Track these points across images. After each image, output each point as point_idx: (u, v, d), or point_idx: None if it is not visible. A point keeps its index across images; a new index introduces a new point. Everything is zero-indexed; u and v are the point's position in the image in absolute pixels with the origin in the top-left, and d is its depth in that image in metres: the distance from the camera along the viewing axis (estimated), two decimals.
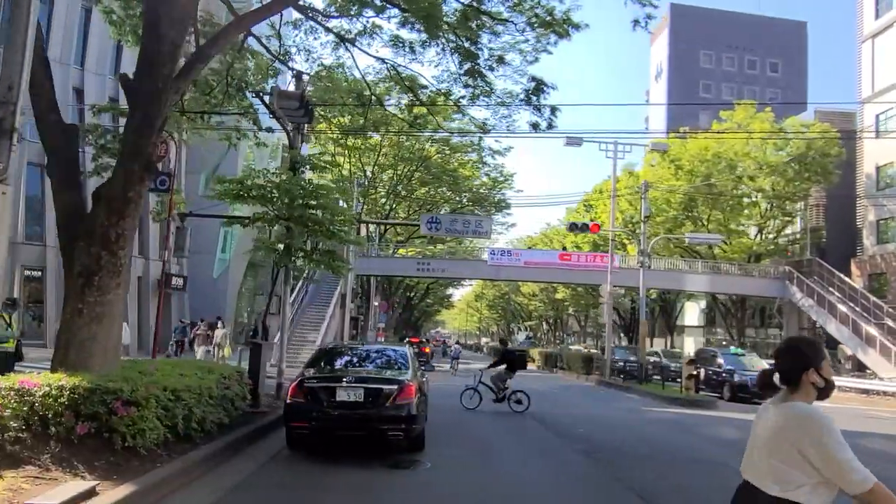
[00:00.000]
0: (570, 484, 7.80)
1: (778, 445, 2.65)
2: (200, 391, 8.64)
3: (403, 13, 13.02)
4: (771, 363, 12.99)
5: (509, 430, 12.51)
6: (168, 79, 8.10)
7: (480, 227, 22.67)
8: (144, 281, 26.71)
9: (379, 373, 9.19)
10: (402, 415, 8.50)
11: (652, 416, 15.64)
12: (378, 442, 8.71)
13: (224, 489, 6.80)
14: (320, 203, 13.31)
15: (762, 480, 2.69)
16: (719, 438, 12.14)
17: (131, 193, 8.21)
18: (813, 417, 2.57)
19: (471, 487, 7.43)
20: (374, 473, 7.78)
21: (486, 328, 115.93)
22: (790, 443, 2.59)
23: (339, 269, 13.75)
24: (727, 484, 7.73)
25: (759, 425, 2.87)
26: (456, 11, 13.54)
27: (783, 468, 2.62)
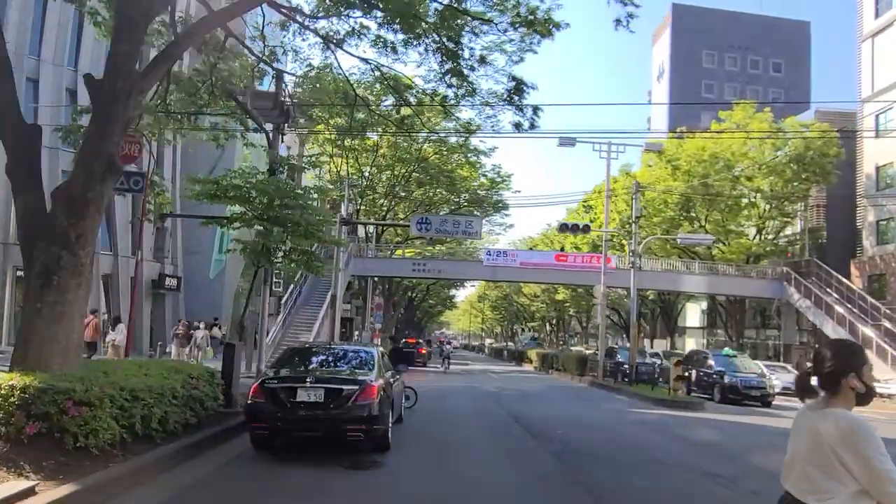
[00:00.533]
0: (528, 486, 7.74)
1: (816, 453, 2.55)
2: (162, 391, 8.63)
3: (381, 12, 13.02)
4: (768, 365, 13.11)
5: (487, 429, 12.48)
6: (129, 78, 8.10)
7: (471, 228, 22.60)
8: (138, 281, 26.73)
9: (341, 373, 9.17)
10: (363, 415, 8.46)
11: (635, 417, 15.55)
12: (341, 443, 8.67)
13: (173, 490, 6.78)
14: (298, 203, 13.32)
15: (801, 490, 2.59)
16: (694, 440, 12.05)
17: (91, 194, 8.21)
18: (854, 426, 2.49)
19: (424, 489, 7.38)
20: (331, 474, 7.75)
21: (490, 329, 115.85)
22: (829, 451, 2.49)
23: (317, 269, 13.74)
24: (687, 489, 7.72)
25: (797, 432, 2.76)
26: (436, 11, 13.53)
27: (821, 477, 2.52)
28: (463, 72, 15.41)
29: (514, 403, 17.33)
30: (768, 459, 10.25)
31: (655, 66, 71.95)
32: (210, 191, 12.63)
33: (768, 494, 7.68)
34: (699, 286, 36.02)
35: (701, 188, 34.31)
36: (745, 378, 20.74)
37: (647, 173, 37.11)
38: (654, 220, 36.28)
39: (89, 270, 8.68)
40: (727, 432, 13.43)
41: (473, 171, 40.87)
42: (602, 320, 26.58)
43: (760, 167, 35.08)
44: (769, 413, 18.73)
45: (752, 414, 17.73)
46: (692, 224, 36.57)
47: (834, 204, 38.98)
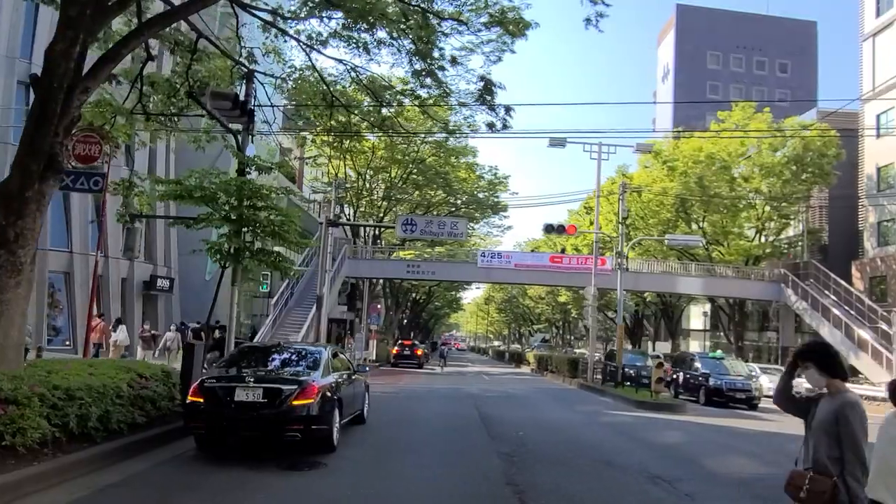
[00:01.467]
0: (459, 487, 7.67)
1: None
2: (104, 390, 8.65)
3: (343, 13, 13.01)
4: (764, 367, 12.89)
5: (449, 431, 12.40)
6: (65, 77, 8.13)
7: (456, 229, 22.54)
8: (129, 282, 26.92)
9: (283, 373, 9.14)
10: (301, 415, 8.43)
11: (608, 419, 15.42)
12: (280, 443, 8.64)
13: (90, 489, 6.76)
14: (267, 204, 13.31)
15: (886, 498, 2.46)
16: (655, 443, 11.91)
17: (29, 193, 8.24)
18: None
19: (353, 490, 7.34)
20: (264, 474, 7.72)
21: (498, 332, 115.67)
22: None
23: (284, 270, 13.72)
24: (621, 491, 7.62)
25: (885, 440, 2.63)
26: (400, 12, 13.49)
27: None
28: (435, 72, 15.40)
29: (490, 406, 17.23)
30: (721, 462, 10.14)
31: (660, 67, 71.61)
32: (174, 191, 12.64)
33: (703, 497, 7.65)
34: (696, 288, 35.72)
35: (698, 189, 34.03)
36: (730, 380, 20.54)
37: (644, 174, 36.89)
38: (651, 221, 36.04)
39: (30, 269, 8.72)
40: (694, 435, 13.27)
41: (471, 173, 40.86)
42: (593, 322, 26.42)
43: (760, 168, 34.76)
44: (752, 416, 18.53)
45: (732, 416, 17.53)
46: (689, 226, 36.29)
47: (836, 205, 38.55)
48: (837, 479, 3.35)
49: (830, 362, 3.65)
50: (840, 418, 3.44)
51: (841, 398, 3.52)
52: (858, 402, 3.47)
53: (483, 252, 36.45)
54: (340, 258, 31.83)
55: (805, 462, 3.61)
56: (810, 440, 3.60)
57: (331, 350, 10.51)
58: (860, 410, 3.43)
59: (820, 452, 3.47)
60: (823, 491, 3.36)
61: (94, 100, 15.59)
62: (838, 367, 3.64)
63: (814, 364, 3.65)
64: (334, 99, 16.82)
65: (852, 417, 3.42)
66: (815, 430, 3.53)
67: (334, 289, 31.17)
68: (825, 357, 3.69)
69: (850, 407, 3.45)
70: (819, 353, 3.74)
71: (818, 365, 3.64)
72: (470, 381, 29.24)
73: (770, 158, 34.67)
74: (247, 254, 13.35)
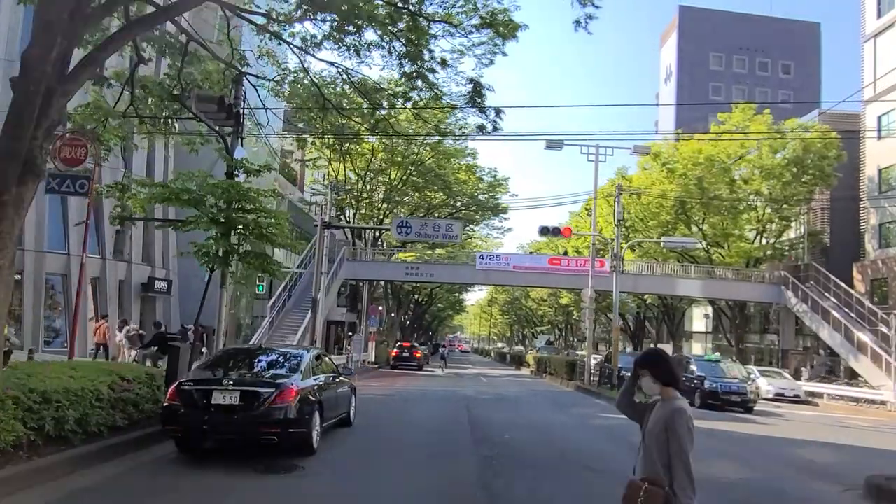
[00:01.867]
0: (433, 491, 7.65)
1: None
2: (82, 393, 8.65)
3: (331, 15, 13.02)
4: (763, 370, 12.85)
5: (435, 433, 12.38)
6: (41, 81, 8.14)
7: (451, 231, 22.51)
8: (127, 284, 27.00)
9: (261, 376, 9.13)
10: (278, 418, 8.42)
11: (599, 422, 15.36)
12: (257, 446, 8.63)
13: (64, 492, 6.77)
14: (256, 207, 13.34)
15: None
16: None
17: (6, 196, 8.25)
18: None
19: (325, 494, 7.33)
20: (238, 478, 7.71)
21: (502, 333, 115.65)
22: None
23: (272, 271, 13.74)
24: (594, 495, 7.57)
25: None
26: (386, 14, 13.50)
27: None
28: (425, 74, 15.42)
29: (482, 408, 17.20)
30: (704, 466, 10.00)
31: (663, 68, 71.47)
32: (161, 194, 12.68)
33: None
34: (695, 290, 35.60)
35: (697, 192, 33.93)
36: (725, 383, 20.42)
37: (644, 176, 36.80)
38: (650, 223, 35.94)
39: (9, 273, 8.73)
40: None
41: (471, 175, 40.88)
42: (590, 325, 26.36)
43: (760, 170, 34.64)
44: (746, 419, 18.41)
45: (725, 420, 17.42)
46: (689, 228, 36.16)
47: (838, 206, 38.37)
48: (669, 490, 3.35)
49: (664, 369, 3.65)
50: (668, 426, 3.43)
51: (670, 406, 3.52)
52: (686, 410, 3.46)
53: (481, 254, 36.47)
54: (339, 260, 31.87)
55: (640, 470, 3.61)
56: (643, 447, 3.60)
57: (313, 353, 10.51)
58: (687, 418, 3.43)
59: (652, 460, 3.48)
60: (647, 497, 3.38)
61: (85, 102, 15.69)
62: (672, 375, 3.64)
63: (649, 371, 3.65)
64: (326, 101, 16.84)
65: (679, 425, 3.41)
66: (647, 437, 3.56)
67: (332, 291, 31.22)
68: (659, 364, 3.69)
69: (678, 414, 3.44)
70: (653, 360, 3.75)
71: (652, 372, 3.64)
72: (467, 383, 29.20)
73: (770, 160, 34.54)
74: (235, 256, 13.41)
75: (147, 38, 14.10)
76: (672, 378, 3.62)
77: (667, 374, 3.63)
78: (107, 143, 15.28)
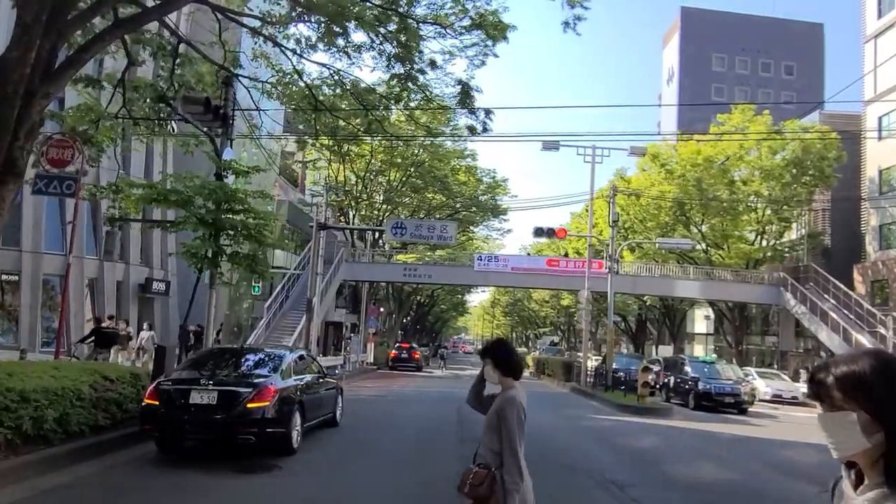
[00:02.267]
0: (406, 491, 7.68)
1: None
2: (62, 392, 8.71)
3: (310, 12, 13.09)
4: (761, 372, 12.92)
5: (422, 433, 12.42)
6: (20, 84, 8.22)
7: (445, 232, 22.61)
8: (124, 285, 27.12)
9: (240, 375, 9.17)
10: (256, 417, 8.47)
11: (588, 423, 15.36)
12: (235, 446, 8.68)
13: (37, 490, 6.82)
14: (245, 208, 13.41)
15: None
16: (624, 447, 11.84)
17: None
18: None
19: (298, 493, 7.36)
20: (214, 477, 7.75)
21: (505, 335, 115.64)
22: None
23: (261, 272, 13.80)
24: (567, 495, 7.58)
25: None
26: (373, 16, 13.55)
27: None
28: (414, 76, 15.47)
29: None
30: (684, 467, 10.07)
31: (665, 69, 71.34)
32: (149, 195, 12.75)
33: (648, 503, 7.57)
34: (694, 291, 35.50)
35: (696, 193, 33.85)
36: (719, 385, 20.37)
37: (643, 177, 36.74)
38: (649, 224, 35.88)
39: None
40: (669, 439, 13.17)
41: (471, 176, 40.91)
42: (586, 326, 26.33)
43: (760, 171, 34.55)
44: (739, 420, 18.38)
45: (717, 421, 17.40)
46: (688, 229, 36.09)
47: (839, 207, 38.20)
48: (496, 472, 3.43)
49: (504, 359, 3.72)
50: (500, 414, 3.52)
51: (504, 395, 3.61)
52: (517, 399, 3.54)
53: (480, 256, 36.47)
54: (337, 261, 31.93)
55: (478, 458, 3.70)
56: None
57: (295, 354, 10.55)
58: (518, 406, 3.51)
59: (485, 447, 3.58)
60: (481, 482, 3.45)
61: (76, 104, 15.77)
62: (512, 365, 3.71)
63: (490, 360, 3.72)
64: (318, 102, 16.91)
65: (509, 413, 3.49)
66: (483, 425, 3.65)
67: (330, 292, 31.27)
68: (500, 354, 3.76)
69: (509, 403, 3.53)
70: (494, 350, 3.83)
71: (494, 362, 3.70)
72: (464, 383, 29.08)
73: (770, 161, 34.44)
74: (224, 257, 13.48)
75: (138, 39, 14.21)
76: (509, 367, 3.69)
77: (505, 363, 3.70)
78: (100, 145, 15.41)
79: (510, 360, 3.74)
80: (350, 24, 13.81)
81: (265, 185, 33.01)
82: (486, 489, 3.44)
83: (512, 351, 3.87)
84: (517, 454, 3.45)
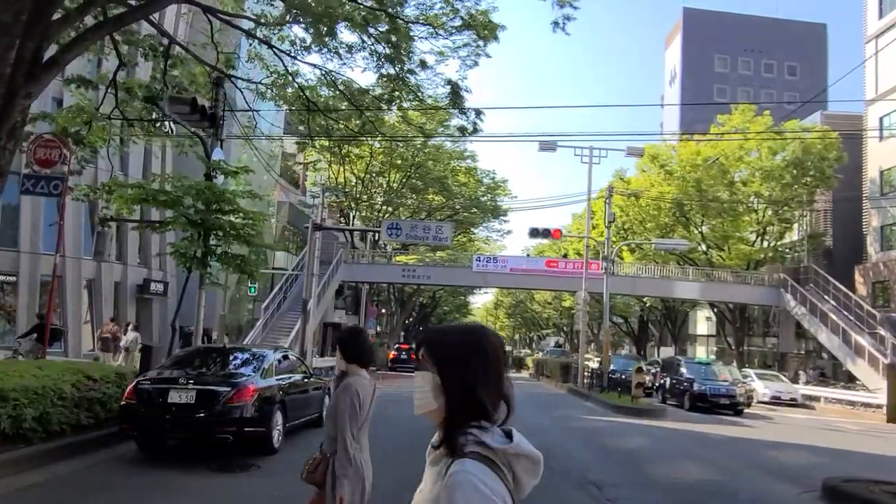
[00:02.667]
0: (375, 492, 7.64)
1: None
2: (43, 391, 8.73)
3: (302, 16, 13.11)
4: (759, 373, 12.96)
5: (402, 432, 12.32)
6: (2, 83, 8.24)
7: (441, 233, 22.54)
8: (122, 286, 27.20)
9: (220, 375, 9.16)
10: (234, 417, 8.47)
11: (579, 424, 15.31)
12: (213, 445, 8.67)
13: (10, 489, 6.83)
14: (234, 208, 13.43)
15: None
16: (610, 448, 11.80)
17: None
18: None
19: (272, 492, 7.35)
20: (191, 476, 7.75)
21: (509, 337, 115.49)
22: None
23: (251, 272, 13.81)
24: (542, 496, 7.53)
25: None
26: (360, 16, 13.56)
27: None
28: (404, 77, 15.49)
29: None
30: (666, 468, 10.02)
31: (668, 70, 71.22)
32: (137, 195, 12.78)
33: (626, 503, 7.54)
34: (694, 293, 35.38)
35: (695, 193, 33.74)
36: (714, 386, 20.28)
37: (643, 178, 36.66)
38: (649, 225, 35.78)
39: None
40: (657, 440, 13.11)
41: (472, 177, 40.90)
42: (583, 327, 26.26)
43: (760, 172, 34.41)
44: (733, 422, 18.28)
45: (710, 422, 17.31)
46: (688, 230, 35.97)
47: (840, 208, 38.02)
48: (331, 458, 3.52)
49: (351, 345, 3.77)
50: (337, 400, 3.60)
51: (343, 382, 3.67)
52: (353, 387, 3.57)
53: (478, 257, 36.42)
54: (335, 262, 31.95)
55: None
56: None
57: (279, 353, 10.55)
58: (352, 394, 3.54)
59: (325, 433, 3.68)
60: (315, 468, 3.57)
61: (67, 105, 15.83)
62: (357, 351, 3.75)
63: (339, 348, 3.79)
64: (310, 103, 16.94)
65: (342, 401, 3.55)
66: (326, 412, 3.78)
67: (329, 293, 31.29)
68: (347, 341, 3.82)
69: (343, 390, 3.59)
70: (343, 338, 3.90)
71: (341, 349, 3.77)
72: None
73: (770, 162, 34.31)
74: (213, 257, 13.50)
75: (130, 41, 14.26)
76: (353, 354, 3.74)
77: (348, 349, 3.75)
78: (92, 145, 15.45)
79: (353, 346, 3.78)
80: (340, 25, 13.86)
81: (264, 186, 33.17)
82: (319, 475, 3.55)
83: (355, 338, 3.90)
84: (347, 441, 3.49)
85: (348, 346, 3.76)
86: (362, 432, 3.64)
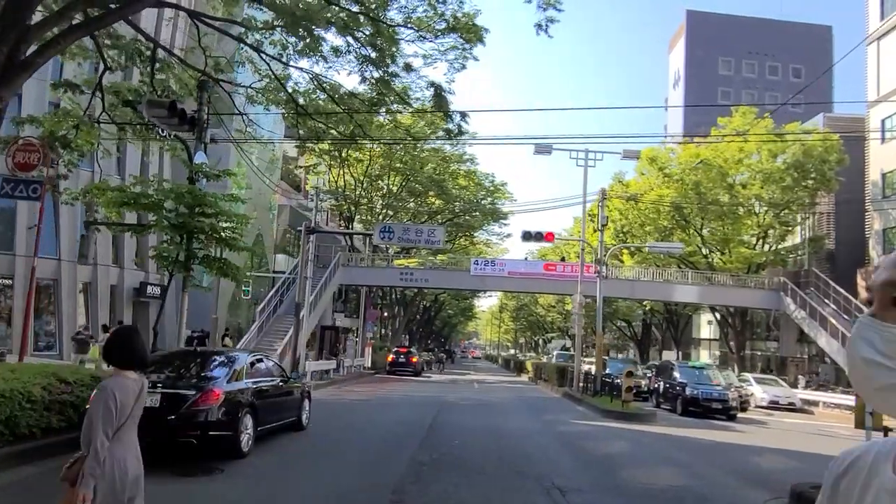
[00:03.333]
0: (342, 496, 7.62)
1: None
2: (10, 394, 8.74)
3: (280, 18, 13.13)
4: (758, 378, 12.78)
5: (385, 436, 12.33)
6: None
7: (433, 237, 22.57)
8: (119, 290, 27.31)
9: (187, 378, 9.15)
10: (199, 420, 8.46)
11: (565, 428, 15.21)
12: (180, 448, 8.65)
13: None
14: (216, 212, 13.45)
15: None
16: (592, 453, 11.69)
17: None
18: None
19: (230, 497, 7.33)
20: (152, 480, 7.69)
21: (514, 340, 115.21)
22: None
23: (234, 275, 13.82)
24: (509, 500, 7.48)
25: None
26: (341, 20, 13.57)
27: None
28: (388, 80, 15.50)
29: (454, 413, 17.13)
30: (641, 473, 9.93)
31: (671, 73, 70.97)
32: (118, 199, 12.82)
33: None
34: (693, 296, 35.15)
35: (695, 196, 33.55)
36: (706, 390, 20.11)
37: (642, 181, 36.51)
38: (648, 228, 35.61)
39: None
40: (639, 445, 12.99)
41: (472, 180, 40.87)
42: (578, 330, 26.11)
43: (760, 174, 34.19)
44: (724, 426, 18.12)
45: (699, 427, 17.17)
46: (687, 233, 35.76)
47: (842, 211, 37.72)
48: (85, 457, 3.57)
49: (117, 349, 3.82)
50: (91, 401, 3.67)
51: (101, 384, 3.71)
52: (107, 387, 3.62)
53: (476, 260, 36.36)
54: (333, 265, 31.96)
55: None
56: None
57: (251, 357, 10.53)
58: (108, 394, 3.58)
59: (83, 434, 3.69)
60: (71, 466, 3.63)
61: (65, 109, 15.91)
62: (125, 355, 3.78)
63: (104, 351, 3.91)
64: (298, 107, 16.98)
65: (95, 401, 3.62)
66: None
67: (326, 296, 31.29)
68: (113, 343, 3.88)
69: (98, 391, 3.66)
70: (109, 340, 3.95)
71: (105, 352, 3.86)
72: (458, 388, 29.08)
73: (770, 164, 34.07)
74: (196, 261, 13.52)
75: (115, 45, 14.32)
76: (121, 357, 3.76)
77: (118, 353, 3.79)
78: (80, 149, 15.52)
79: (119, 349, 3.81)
80: (321, 29, 13.88)
81: (263, 189, 33.26)
82: (73, 473, 3.60)
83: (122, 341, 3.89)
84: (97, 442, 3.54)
85: (114, 349, 3.79)
86: (126, 430, 3.69)
